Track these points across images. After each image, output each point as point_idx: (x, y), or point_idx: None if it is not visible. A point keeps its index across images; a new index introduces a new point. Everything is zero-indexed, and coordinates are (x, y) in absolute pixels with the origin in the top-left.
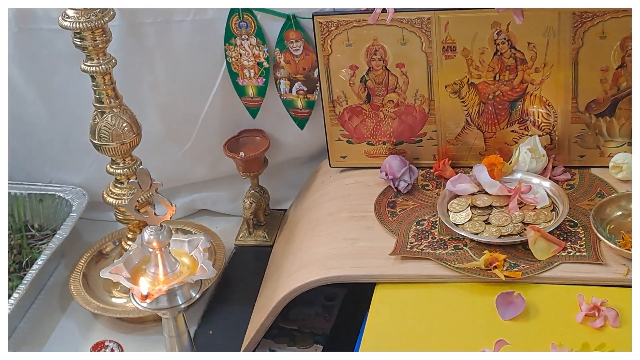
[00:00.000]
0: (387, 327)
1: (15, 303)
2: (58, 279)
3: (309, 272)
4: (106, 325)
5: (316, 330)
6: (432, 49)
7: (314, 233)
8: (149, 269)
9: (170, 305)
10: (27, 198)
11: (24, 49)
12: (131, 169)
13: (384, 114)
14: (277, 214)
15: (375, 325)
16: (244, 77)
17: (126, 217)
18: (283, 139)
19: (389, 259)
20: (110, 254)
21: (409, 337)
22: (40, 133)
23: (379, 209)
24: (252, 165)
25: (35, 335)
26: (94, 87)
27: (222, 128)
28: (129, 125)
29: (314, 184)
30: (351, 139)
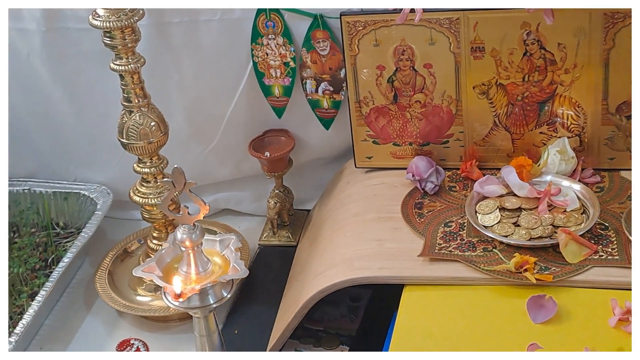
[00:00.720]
0: (416, 329)
1: (42, 300)
2: (83, 277)
3: (336, 273)
4: (131, 324)
5: (342, 332)
6: (461, 49)
7: (341, 233)
8: (181, 268)
9: (202, 305)
10: (52, 196)
11: (52, 48)
12: (158, 168)
13: (411, 114)
14: (301, 214)
15: (404, 327)
16: (270, 77)
17: (152, 216)
18: (308, 139)
19: (417, 261)
20: (135, 252)
21: (439, 340)
22: (66, 132)
23: (406, 210)
24: (277, 165)
25: (61, 333)
26: (123, 86)
27: (247, 128)
28: (157, 124)
29: (339, 185)
30: (377, 140)
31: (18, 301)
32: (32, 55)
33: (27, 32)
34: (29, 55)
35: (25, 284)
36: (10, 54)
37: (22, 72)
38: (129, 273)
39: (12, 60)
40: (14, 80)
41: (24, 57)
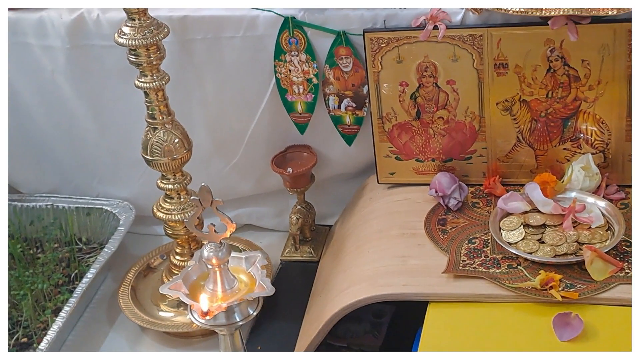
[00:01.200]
0: (441, 346)
1: (66, 317)
2: (106, 292)
3: (360, 290)
4: (154, 339)
5: (365, 348)
6: (484, 65)
7: (363, 250)
8: (208, 286)
9: (228, 322)
10: (75, 212)
11: (76, 65)
12: (181, 184)
13: (434, 130)
14: (323, 230)
15: (429, 345)
16: (293, 93)
17: (175, 232)
18: (330, 154)
19: (441, 277)
20: (158, 268)
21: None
22: (89, 148)
23: (429, 226)
24: (299, 181)
25: (84, 349)
26: (147, 103)
27: (269, 144)
28: (181, 141)
29: (361, 201)
30: (400, 156)
31: (42, 317)
32: (57, 72)
33: (52, 49)
34: (53, 72)
35: (48, 299)
36: (34, 70)
37: (46, 89)
38: (151, 288)
39: (36, 77)
40: (38, 97)
41: (48, 74)
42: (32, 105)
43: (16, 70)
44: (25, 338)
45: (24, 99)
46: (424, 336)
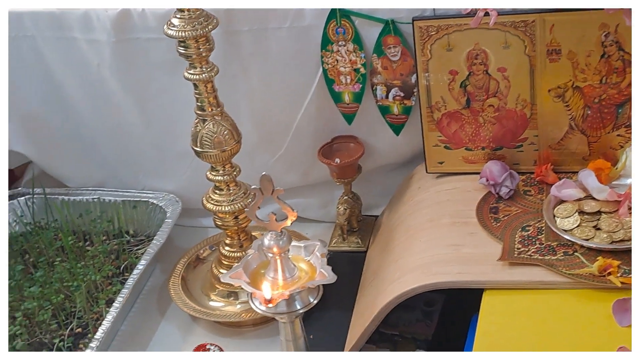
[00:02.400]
0: (498, 333)
1: (120, 307)
2: (155, 284)
3: (414, 278)
4: (205, 329)
5: (417, 336)
6: (536, 52)
7: (415, 239)
8: (268, 274)
9: (289, 310)
10: (122, 205)
11: (121, 58)
12: (230, 175)
13: (484, 119)
14: (369, 220)
15: (486, 332)
16: (340, 84)
17: (224, 224)
18: (377, 145)
19: (496, 265)
20: (207, 259)
21: (523, 344)
22: (135, 141)
23: (481, 214)
24: (346, 172)
25: (137, 338)
26: (196, 95)
27: (315, 135)
28: (230, 132)
29: (409, 190)
30: (449, 145)
31: (95, 307)
32: (102, 65)
33: (98, 43)
34: (99, 65)
35: (100, 290)
36: (80, 64)
37: (92, 83)
38: (201, 279)
39: (82, 71)
40: (84, 90)
41: (94, 67)
42: (77, 99)
43: (62, 65)
44: (80, 328)
45: (69, 93)
46: (480, 324)
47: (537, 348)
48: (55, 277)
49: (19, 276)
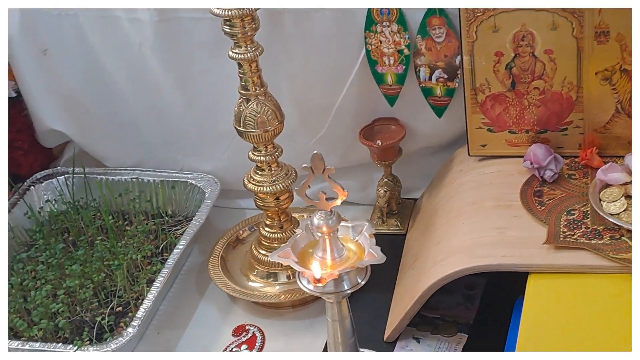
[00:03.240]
0: (544, 317)
1: (161, 286)
2: (193, 264)
3: (458, 261)
4: (244, 309)
5: (459, 319)
6: (584, 34)
7: (457, 222)
8: (317, 253)
9: (337, 290)
10: (160, 185)
11: (163, 38)
12: (273, 156)
13: (529, 101)
14: (408, 203)
15: (531, 316)
16: (383, 65)
17: (265, 204)
18: (418, 127)
19: (541, 249)
20: (246, 240)
21: (569, 328)
22: (175, 121)
23: (525, 198)
24: (387, 154)
25: (176, 318)
26: (241, 75)
27: (356, 117)
28: (273, 112)
29: (451, 173)
30: (492, 128)
31: (135, 287)
32: (144, 45)
33: (140, 23)
34: (140, 45)
35: (140, 270)
36: (122, 44)
37: (133, 62)
38: (240, 259)
39: (123, 51)
40: (125, 70)
41: (135, 47)
42: (119, 78)
43: (104, 44)
44: (120, 307)
45: (110, 72)
46: (526, 307)
47: (583, 332)
48: (95, 255)
49: (60, 254)
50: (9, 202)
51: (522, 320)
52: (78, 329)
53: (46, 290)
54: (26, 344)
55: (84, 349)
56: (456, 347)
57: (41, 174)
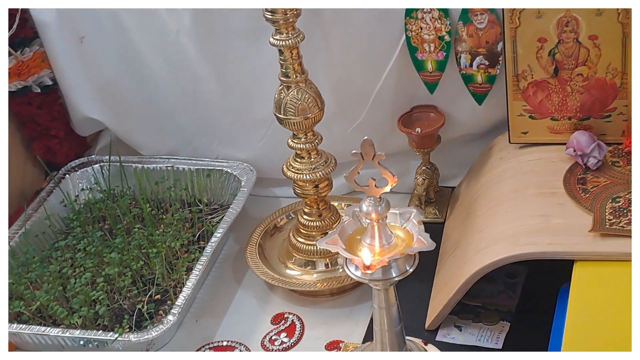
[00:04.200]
0: (591, 305)
1: (199, 274)
2: (229, 252)
3: (502, 249)
4: (282, 297)
5: (501, 308)
6: (630, 19)
7: (499, 210)
8: (365, 240)
9: (385, 277)
10: (195, 173)
11: (201, 26)
12: (312, 143)
13: (572, 88)
14: (446, 191)
15: (578, 304)
16: (423, 52)
17: (304, 192)
18: (457, 114)
19: (587, 236)
20: (284, 227)
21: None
22: (211, 109)
23: (568, 185)
24: (426, 142)
25: (214, 306)
26: (281, 61)
27: (394, 104)
28: (314, 99)
29: (490, 161)
30: (534, 114)
31: (173, 275)
32: (181, 33)
33: (177, 10)
34: (178, 33)
35: (177, 258)
36: (159, 32)
37: (170, 50)
38: (278, 247)
39: (160, 39)
40: (162, 58)
41: (173, 35)
42: (155, 66)
43: (141, 32)
44: (159, 295)
45: (147, 60)
46: (572, 295)
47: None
48: (133, 244)
49: (97, 242)
50: (44, 190)
51: (569, 308)
52: (117, 316)
53: (85, 278)
54: (66, 332)
55: (124, 336)
56: (499, 335)
57: (76, 162)
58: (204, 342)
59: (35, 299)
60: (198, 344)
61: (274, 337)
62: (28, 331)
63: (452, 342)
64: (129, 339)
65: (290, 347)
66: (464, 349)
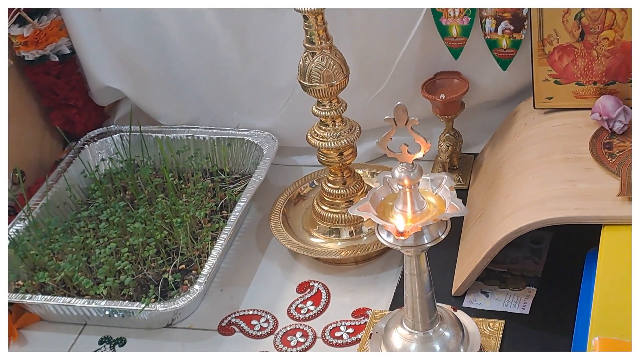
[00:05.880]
0: (619, 269)
1: (224, 243)
2: (252, 222)
3: (530, 214)
4: (306, 266)
5: (527, 273)
6: None
7: (525, 175)
8: (397, 206)
9: (417, 244)
10: (216, 142)
11: None
12: (337, 110)
13: (598, 52)
14: (469, 158)
15: (607, 268)
16: (447, 17)
17: (329, 160)
18: (480, 80)
19: (615, 201)
20: (307, 196)
21: None
22: (231, 78)
23: (595, 150)
24: (450, 108)
25: (239, 275)
26: (306, 28)
27: (417, 71)
28: (339, 66)
29: (514, 127)
30: (559, 79)
31: (197, 244)
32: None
33: None
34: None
35: (201, 227)
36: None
37: (190, 19)
38: (301, 216)
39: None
40: (181, 26)
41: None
42: (174, 34)
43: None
44: (183, 265)
45: (166, 29)
46: (601, 259)
47: None
48: (156, 214)
49: (120, 212)
50: (64, 161)
51: (598, 272)
52: (142, 287)
53: (110, 248)
54: (92, 302)
55: (151, 306)
56: (525, 300)
57: (95, 133)
58: (229, 312)
59: (60, 269)
60: (224, 313)
61: (300, 306)
62: (53, 302)
63: (479, 307)
64: (156, 309)
65: (317, 315)
66: (492, 315)
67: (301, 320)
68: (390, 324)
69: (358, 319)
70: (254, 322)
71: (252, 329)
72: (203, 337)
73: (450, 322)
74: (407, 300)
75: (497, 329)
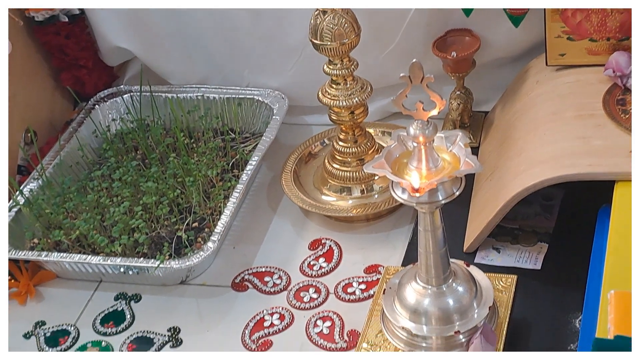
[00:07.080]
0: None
1: (236, 202)
2: (263, 181)
3: (543, 171)
4: (317, 224)
5: (538, 229)
6: None
7: (538, 132)
8: (411, 164)
9: (431, 200)
10: (226, 102)
11: None
12: (349, 69)
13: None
14: (479, 116)
15: (620, 224)
16: None
17: (340, 118)
18: (492, 38)
19: (628, 157)
20: (318, 154)
21: None
22: (241, 36)
23: (608, 106)
24: (461, 66)
25: (251, 233)
26: None
27: (427, 28)
28: (350, 24)
29: (526, 84)
30: (572, 36)
31: (209, 203)
32: None
33: None
34: None
35: (212, 186)
36: None
37: None
38: (312, 174)
39: None
40: None
41: None
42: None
43: None
44: (196, 223)
45: None
46: (614, 215)
47: None
48: (168, 173)
49: (133, 172)
50: (75, 121)
51: (611, 228)
52: (156, 244)
53: (124, 206)
54: (107, 259)
55: (166, 263)
56: (537, 256)
57: (105, 93)
58: (242, 269)
59: (75, 228)
60: (237, 270)
61: (312, 263)
62: (69, 260)
63: (491, 263)
64: (171, 266)
65: (330, 272)
66: (504, 271)
67: (314, 277)
68: (404, 279)
69: (370, 275)
70: (267, 278)
71: (265, 285)
72: (217, 294)
73: (463, 277)
74: (421, 256)
75: (510, 284)
